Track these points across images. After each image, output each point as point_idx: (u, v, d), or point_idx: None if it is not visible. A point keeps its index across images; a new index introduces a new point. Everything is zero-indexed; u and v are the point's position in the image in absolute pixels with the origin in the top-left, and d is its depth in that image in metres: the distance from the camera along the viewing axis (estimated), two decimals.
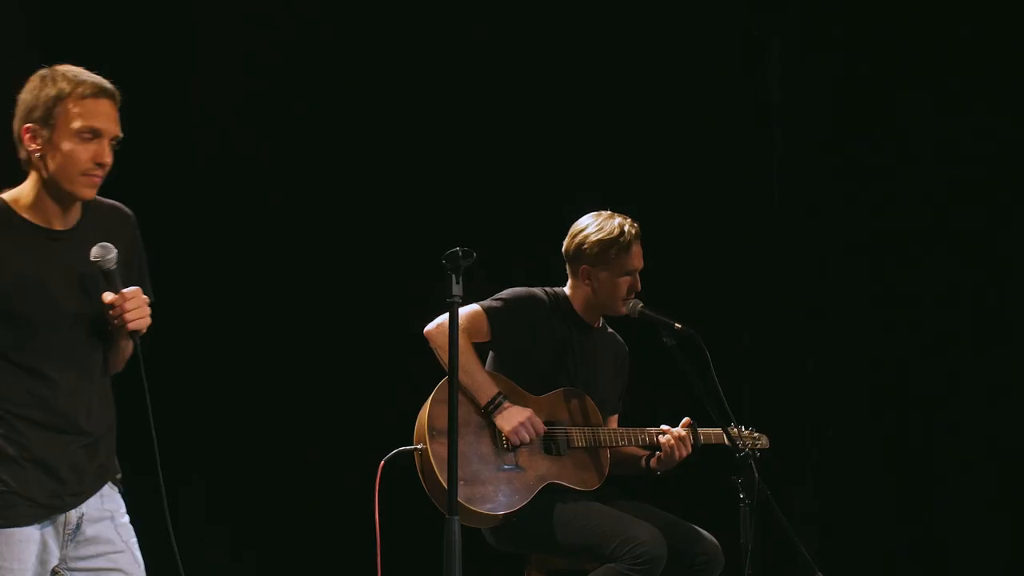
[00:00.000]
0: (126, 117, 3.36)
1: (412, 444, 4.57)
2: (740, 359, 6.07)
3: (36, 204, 3.38)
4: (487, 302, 4.77)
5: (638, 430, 4.81)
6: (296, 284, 6.07)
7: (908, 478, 6.25)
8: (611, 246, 4.79)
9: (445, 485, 4.22)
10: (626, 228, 4.80)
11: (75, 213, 3.41)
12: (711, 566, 4.66)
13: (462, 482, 4.40)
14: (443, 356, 4.60)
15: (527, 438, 4.63)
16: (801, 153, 6.44)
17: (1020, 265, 6.13)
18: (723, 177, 6.34)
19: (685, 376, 4.52)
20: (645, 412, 4.98)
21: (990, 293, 6.22)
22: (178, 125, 5.93)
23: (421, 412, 4.60)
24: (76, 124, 3.31)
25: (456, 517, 3.71)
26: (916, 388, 6.24)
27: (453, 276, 3.32)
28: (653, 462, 4.83)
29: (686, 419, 4.82)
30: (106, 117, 3.35)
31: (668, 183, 6.23)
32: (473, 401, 4.66)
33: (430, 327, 4.69)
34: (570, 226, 4.89)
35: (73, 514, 3.40)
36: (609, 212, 4.86)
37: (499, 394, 4.66)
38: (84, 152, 3.32)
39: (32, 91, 3.36)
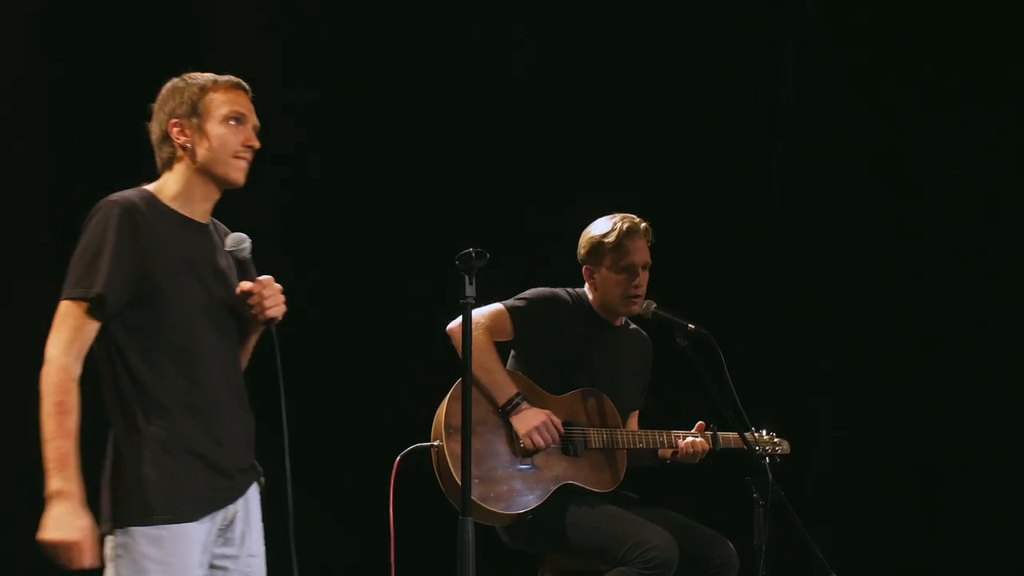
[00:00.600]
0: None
1: (427, 442, 4.58)
2: (750, 360, 6.06)
3: (180, 195, 3.47)
4: (510, 301, 4.78)
5: (657, 432, 4.80)
6: (296, 284, 6.05)
7: (923, 479, 6.24)
8: (601, 244, 4.82)
9: (460, 483, 4.23)
10: (618, 225, 4.81)
11: (210, 211, 3.51)
12: (726, 570, 4.65)
13: (477, 480, 4.42)
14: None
15: (541, 443, 4.63)
16: (805, 153, 6.42)
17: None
18: (729, 178, 6.34)
19: (699, 377, 4.52)
20: (665, 414, 4.99)
21: (994, 293, 6.21)
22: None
23: (439, 409, 4.60)
24: (224, 110, 3.47)
25: (470, 518, 3.71)
26: (929, 388, 6.23)
27: (467, 277, 3.33)
28: (669, 461, 4.83)
29: (700, 423, 4.82)
30: (247, 106, 3.53)
31: (675, 184, 6.24)
32: (491, 400, 4.67)
33: (452, 325, 4.70)
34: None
35: (230, 510, 3.41)
36: (620, 214, 4.88)
37: (517, 394, 4.67)
38: (233, 136, 3.47)
39: (169, 96, 3.50)
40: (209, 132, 3.44)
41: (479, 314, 4.67)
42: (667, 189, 6.16)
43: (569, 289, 4.92)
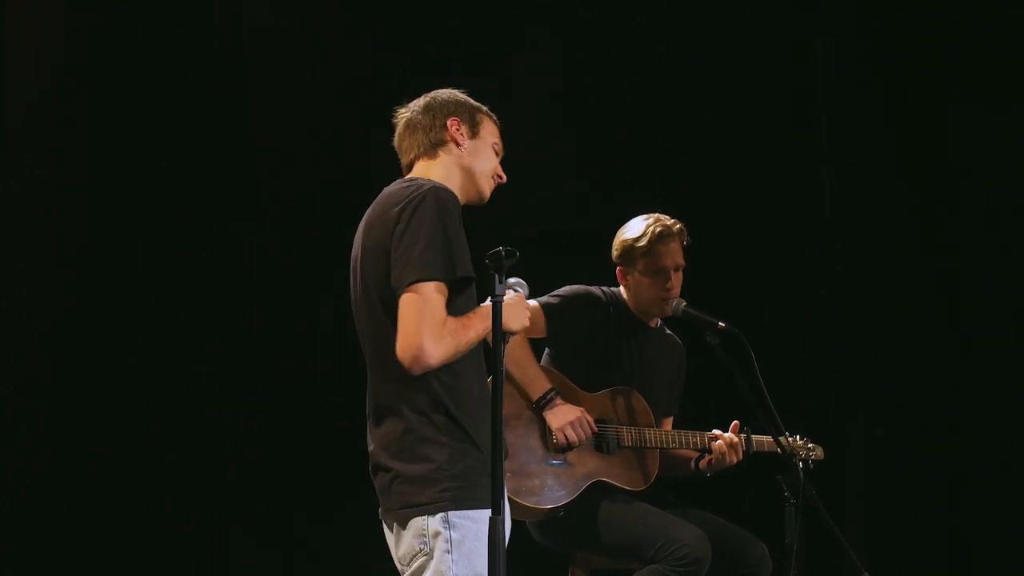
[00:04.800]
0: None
1: None
2: (781, 359, 6.04)
3: (449, 183, 3.58)
4: (544, 298, 4.79)
5: (690, 433, 4.81)
6: (297, 284, 6.10)
7: (953, 478, 6.21)
8: (633, 247, 4.82)
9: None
10: (650, 229, 4.81)
11: None
12: (758, 570, 4.65)
13: (509, 474, 4.45)
14: None
15: (575, 439, 4.63)
16: (846, 151, 6.39)
17: None
18: (768, 177, 6.32)
19: (730, 376, 4.51)
20: (697, 413, 4.98)
21: None
22: (179, 125, 6.00)
23: None
24: (493, 140, 3.73)
25: (500, 517, 3.71)
26: (963, 387, 6.19)
27: (496, 276, 3.33)
28: (703, 463, 4.83)
29: (735, 423, 4.81)
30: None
31: (709, 183, 6.24)
32: (525, 395, 4.68)
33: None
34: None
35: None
36: (655, 215, 4.87)
37: (551, 390, 4.68)
38: (494, 162, 3.72)
39: (452, 100, 3.72)
40: (479, 149, 3.67)
41: None
42: (699, 189, 6.17)
43: (605, 288, 4.93)
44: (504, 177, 3.73)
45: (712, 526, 4.67)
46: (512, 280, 3.49)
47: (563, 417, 4.64)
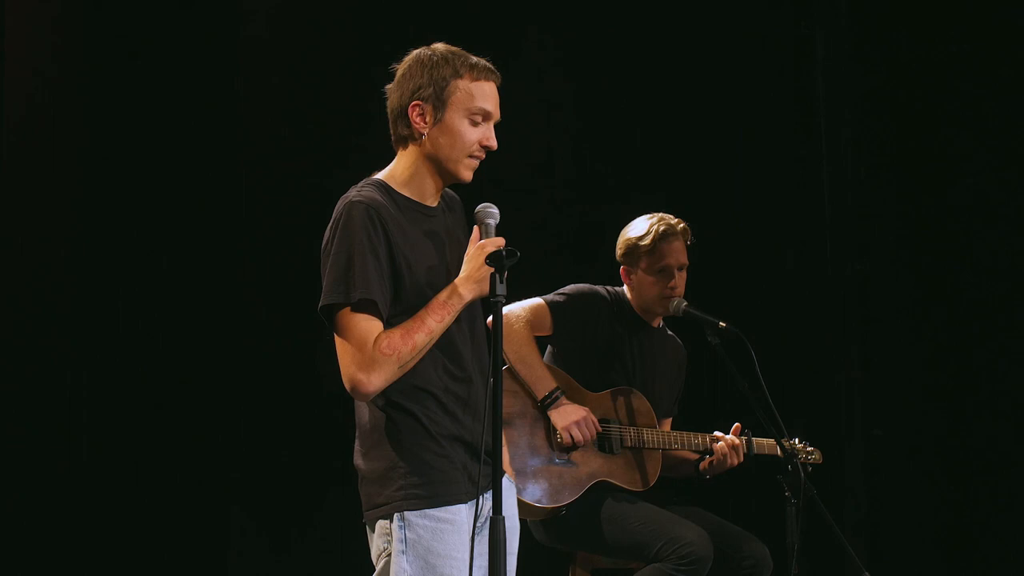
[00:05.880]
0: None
1: None
2: (782, 360, 6.05)
3: (411, 182, 3.39)
4: (550, 296, 4.81)
5: (692, 434, 4.81)
6: (299, 284, 6.08)
7: (955, 477, 6.20)
8: (636, 246, 4.83)
9: None
10: (654, 227, 4.81)
11: (438, 193, 3.43)
12: (758, 570, 4.66)
13: (513, 472, 4.44)
14: (505, 349, 4.62)
15: (580, 438, 4.63)
16: (845, 153, 6.39)
17: None
18: (769, 178, 6.32)
19: (730, 376, 4.51)
20: (698, 414, 4.98)
21: None
22: (180, 124, 6.00)
23: None
24: (469, 104, 3.33)
25: (502, 516, 3.71)
26: (964, 387, 6.19)
27: (497, 276, 3.31)
28: (703, 465, 4.83)
29: (737, 425, 4.81)
30: (494, 100, 3.39)
31: (708, 184, 6.24)
32: (530, 394, 4.68)
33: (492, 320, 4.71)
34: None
35: (483, 501, 3.33)
36: (659, 214, 4.88)
37: (556, 389, 4.68)
38: (473, 134, 3.35)
39: (418, 69, 3.35)
40: (449, 126, 3.33)
41: (520, 308, 4.72)
42: (701, 189, 6.17)
43: (609, 287, 4.94)
44: (493, 145, 3.38)
45: (713, 525, 4.68)
46: (491, 212, 3.36)
47: (568, 417, 4.64)
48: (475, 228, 3.38)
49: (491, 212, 3.37)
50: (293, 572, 6.07)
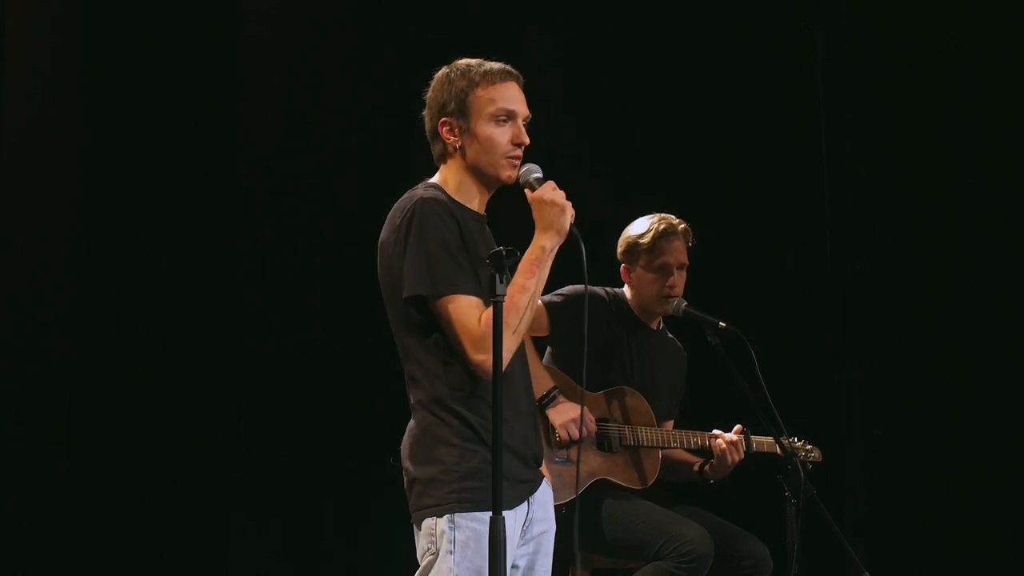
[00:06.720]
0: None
1: None
2: (782, 360, 6.04)
3: (460, 190, 3.50)
4: (547, 297, 4.80)
5: (690, 432, 4.81)
6: (300, 284, 6.09)
7: (955, 477, 6.21)
8: (637, 244, 4.84)
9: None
10: (655, 226, 4.82)
11: (486, 202, 3.54)
12: (758, 569, 4.66)
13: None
14: None
15: (576, 435, 4.64)
16: (845, 153, 6.39)
17: None
18: (769, 178, 6.32)
19: (729, 376, 4.51)
20: (698, 414, 4.98)
21: None
22: (180, 124, 6.00)
23: None
24: (491, 109, 3.45)
25: (501, 517, 3.71)
26: (964, 387, 6.19)
27: (497, 275, 3.32)
28: (707, 468, 4.83)
29: (738, 426, 4.82)
30: (516, 99, 3.50)
31: (708, 185, 6.24)
32: None
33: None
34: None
35: (530, 504, 3.44)
36: (660, 214, 4.88)
37: (554, 388, 4.69)
38: (502, 135, 3.47)
39: (440, 89, 3.51)
40: (478, 133, 3.46)
41: None
42: (701, 189, 6.17)
43: (608, 288, 4.94)
44: (525, 140, 3.49)
45: (713, 525, 4.68)
46: (530, 168, 3.45)
47: (565, 414, 4.65)
48: (526, 192, 3.48)
49: (532, 168, 3.48)
50: (293, 572, 6.07)
